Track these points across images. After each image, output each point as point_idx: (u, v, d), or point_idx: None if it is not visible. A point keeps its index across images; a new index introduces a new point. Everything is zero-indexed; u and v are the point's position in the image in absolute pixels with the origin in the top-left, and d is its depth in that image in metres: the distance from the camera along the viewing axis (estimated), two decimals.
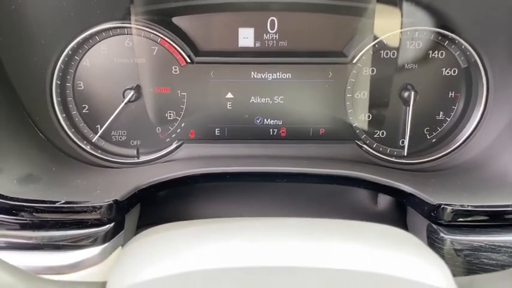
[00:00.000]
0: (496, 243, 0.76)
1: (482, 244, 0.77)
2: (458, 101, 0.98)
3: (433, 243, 0.79)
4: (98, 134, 0.96)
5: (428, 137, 1.00)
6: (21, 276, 0.55)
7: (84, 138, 0.97)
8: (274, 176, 0.91)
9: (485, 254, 0.76)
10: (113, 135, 0.98)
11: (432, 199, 0.80)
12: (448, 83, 0.97)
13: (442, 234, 0.78)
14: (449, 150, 0.98)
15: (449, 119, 0.99)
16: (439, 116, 0.99)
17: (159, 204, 0.94)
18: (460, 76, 0.96)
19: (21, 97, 0.88)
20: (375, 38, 0.94)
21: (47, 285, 0.55)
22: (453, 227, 0.79)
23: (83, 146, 0.96)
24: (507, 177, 0.85)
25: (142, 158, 0.98)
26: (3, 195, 0.74)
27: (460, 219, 0.79)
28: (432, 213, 0.80)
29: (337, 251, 0.50)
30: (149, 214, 0.91)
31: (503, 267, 0.75)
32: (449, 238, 0.78)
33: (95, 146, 0.97)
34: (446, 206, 0.78)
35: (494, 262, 0.75)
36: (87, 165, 0.94)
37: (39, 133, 0.92)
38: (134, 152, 0.98)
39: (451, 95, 0.98)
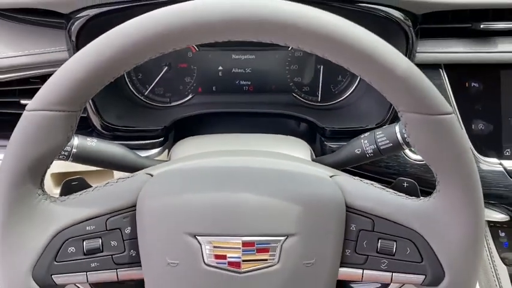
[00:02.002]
0: None
1: None
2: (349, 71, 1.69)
3: (321, 147, 1.54)
4: (148, 90, 1.60)
5: (333, 90, 1.63)
6: (131, 152, 1.31)
7: (140, 93, 1.66)
8: (246, 114, 1.66)
9: None
10: (156, 90, 1.61)
11: (321, 124, 1.52)
12: None
13: (325, 142, 1.48)
14: (342, 98, 1.62)
15: (344, 80, 1.63)
16: (339, 78, 1.63)
17: (183, 130, 1.71)
18: None
19: None
20: None
21: (141, 158, 1.33)
22: (332, 138, 1.51)
23: (140, 97, 1.65)
24: (363, 114, 1.58)
25: (173, 104, 1.64)
26: (111, 123, 1.41)
27: (334, 135, 1.53)
28: (321, 131, 1.52)
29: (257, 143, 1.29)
30: (178, 134, 1.68)
31: None
32: (328, 144, 1.50)
33: (146, 97, 1.65)
34: (326, 128, 1.48)
35: None
36: (145, 108, 1.67)
37: (120, 91, 1.64)
38: (168, 100, 1.64)
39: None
